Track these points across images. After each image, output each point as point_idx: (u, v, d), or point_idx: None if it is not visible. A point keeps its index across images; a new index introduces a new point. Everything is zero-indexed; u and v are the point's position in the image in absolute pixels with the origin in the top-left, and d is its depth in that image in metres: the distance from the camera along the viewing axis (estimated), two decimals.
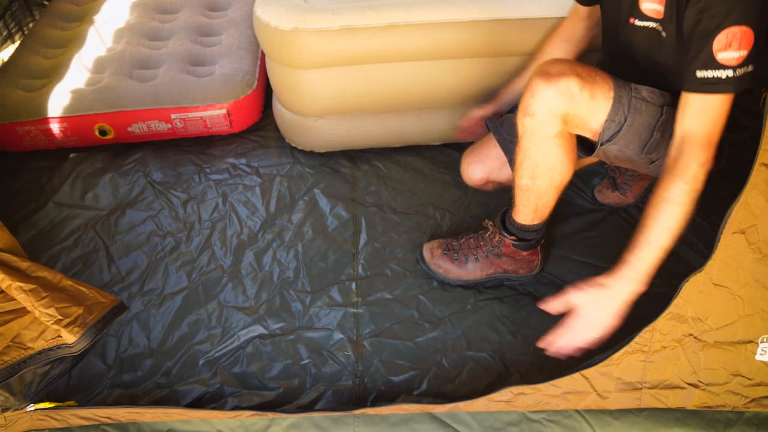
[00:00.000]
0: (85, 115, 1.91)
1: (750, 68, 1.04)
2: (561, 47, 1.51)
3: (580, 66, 1.18)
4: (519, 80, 1.57)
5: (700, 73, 1.06)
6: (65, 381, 1.44)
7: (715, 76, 1.05)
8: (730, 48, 1.03)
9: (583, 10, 1.46)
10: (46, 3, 2.46)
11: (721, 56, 1.04)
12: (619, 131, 1.21)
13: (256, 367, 1.45)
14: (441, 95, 1.82)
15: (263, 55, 2.12)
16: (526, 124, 1.23)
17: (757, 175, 0.97)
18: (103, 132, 1.93)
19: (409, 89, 1.80)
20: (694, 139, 1.09)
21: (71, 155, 2.00)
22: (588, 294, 1.16)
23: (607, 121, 1.20)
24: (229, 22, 2.25)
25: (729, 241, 1.03)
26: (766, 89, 1.66)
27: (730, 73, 1.04)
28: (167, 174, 1.92)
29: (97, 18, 2.28)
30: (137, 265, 1.68)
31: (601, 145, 1.23)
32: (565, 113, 1.18)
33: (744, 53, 1.03)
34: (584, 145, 1.30)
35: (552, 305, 1.20)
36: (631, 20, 1.25)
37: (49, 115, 1.90)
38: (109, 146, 2.01)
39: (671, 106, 1.23)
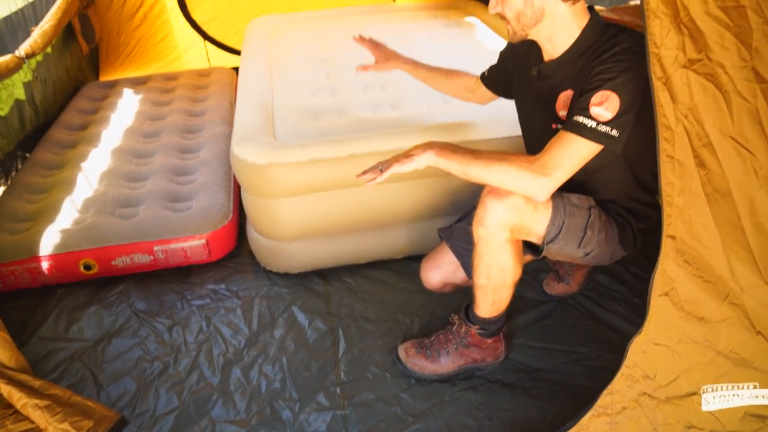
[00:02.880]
0: (71, 252, 2.03)
1: (614, 132, 1.31)
2: (456, 89, 1.92)
3: None
4: (417, 71, 1.95)
5: (575, 118, 1.34)
6: None
7: (584, 122, 1.33)
8: (601, 106, 1.31)
9: (479, 88, 1.85)
10: (27, 155, 2.64)
11: (594, 109, 1.32)
12: (558, 234, 1.47)
13: None
14: (400, 214, 2.06)
15: (236, 189, 2.34)
16: (480, 233, 1.47)
17: (665, 245, 1.21)
18: (87, 267, 2.05)
19: (372, 210, 2.03)
20: (546, 160, 1.35)
21: (54, 291, 2.09)
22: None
23: (548, 226, 1.46)
24: (201, 162, 2.49)
25: (657, 303, 1.24)
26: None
27: (594, 124, 1.32)
28: (150, 303, 2.03)
29: (78, 165, 2.47)
30: (127, 390, 1.73)
31: (546, 245, 1.48)
32: (513, 224, 1.43)
33: (610, 115, 1.31)
34: (530, 247, 1.55)
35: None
36: (553, 125, 1.53)
37: (35, 254, 2.01)
38: (92, 280, 2.12)
39: (595, 207, 1.51)
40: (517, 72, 1.67)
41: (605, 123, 1.32)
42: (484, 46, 2.85)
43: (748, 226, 1.16)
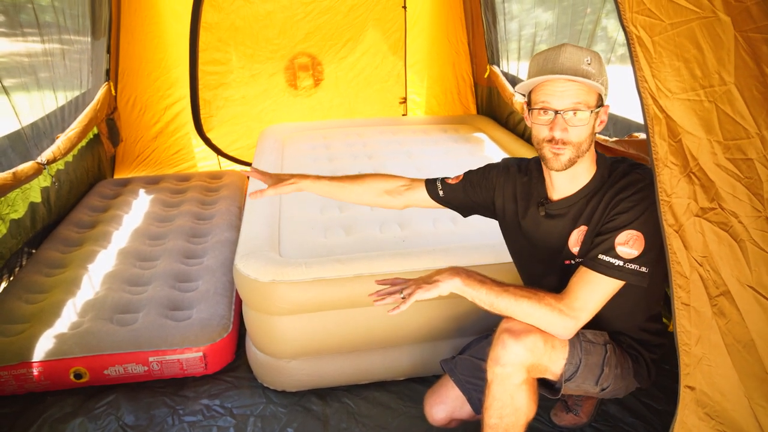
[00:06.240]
0: (62, 359, 1.96)
1: (643, 269, 1.33)
2: (371, 197, 1.76)
3: None
4: (316, 185, 1.72)
5: (600, 257, 1.35)
6: None
7: (610, 261, 1.34)
8: (627, 245, 1.33)
9: (413, 193, 1.76)
10: (33, 251, 2.63)
11: (620, 249, 1.34)
12: (576, 372, 1.43)
13: None
14: (403, 335, 2.01)
15: (238, 299, 2.30)
16: (497, 372, 1.41)
17: (684, 396, 1.15)
18: (78, 375, 1.98)
19: (375, 331, 1.98)
20: (572, 300, 1.36)
21: (40, 398, 2.00)
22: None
23: (566, 364, 1.42)
24: (205, 269, 2.46)
25: None
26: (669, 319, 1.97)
27: (621, 263, 1.33)
28: (140, 417, 1.94)
29: (81, 265, 2.45)
30: None
31: (564, 383, 1.43)
32: (531, 364, 1.39)
33: (635, 253, 1.33)
34: (545, 385, 1.49)
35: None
36: (566, 262, 1.50)
37: (25, 360, 1.95)
38: (82, 389, 2.03)
39: (610, 342, 1.47)
40: (511, 208, 1.63)
41: (631, 260, 1.33)
42: (492, 162, 2.90)
43: None
